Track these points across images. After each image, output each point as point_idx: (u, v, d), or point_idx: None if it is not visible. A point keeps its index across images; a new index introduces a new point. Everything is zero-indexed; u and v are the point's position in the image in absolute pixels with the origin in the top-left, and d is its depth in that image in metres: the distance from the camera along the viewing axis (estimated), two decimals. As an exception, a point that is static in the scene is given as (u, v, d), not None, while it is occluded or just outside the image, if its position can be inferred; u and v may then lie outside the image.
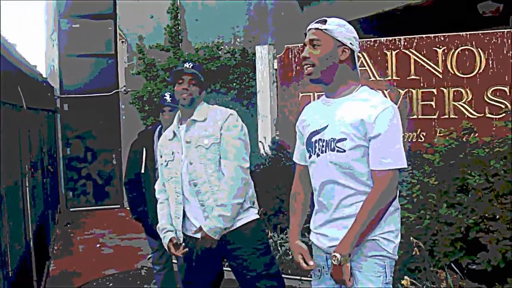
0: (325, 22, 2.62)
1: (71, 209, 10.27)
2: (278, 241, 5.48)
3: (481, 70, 5.35)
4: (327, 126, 2.58)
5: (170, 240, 3.51)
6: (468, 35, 5.41)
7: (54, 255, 7.24)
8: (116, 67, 10.28)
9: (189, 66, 3.55)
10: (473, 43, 5.38)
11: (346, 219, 2.52)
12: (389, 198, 2.45)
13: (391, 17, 8.97)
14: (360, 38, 2.74)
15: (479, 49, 5.36)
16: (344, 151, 2.49)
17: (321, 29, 2.60)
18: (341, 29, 2.62)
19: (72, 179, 10.42)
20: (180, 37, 10.19)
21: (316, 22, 2.64)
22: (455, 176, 3.84)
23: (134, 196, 4.79)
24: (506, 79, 5.25)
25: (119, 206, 10.38)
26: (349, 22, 2.80)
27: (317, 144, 2.61)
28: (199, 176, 3.42)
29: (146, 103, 9.82)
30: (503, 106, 5.22)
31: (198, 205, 3.45)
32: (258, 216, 3.53)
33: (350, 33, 2.64)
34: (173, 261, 5.01)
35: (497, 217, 3.23)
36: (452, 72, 5.45)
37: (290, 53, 6.22)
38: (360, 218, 2.43)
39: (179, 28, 10.19)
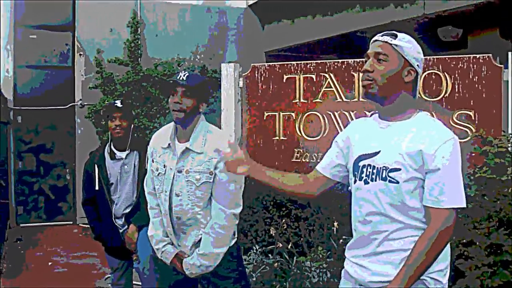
0: (395, 36, 2.38)
1: (21, 225, 9.91)
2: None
3: (447, 94, 5.40)
4: (379, 151, 2.37)
5: (177, 254, 3.30)
6: (435, 59, 5.45)
7: (3, 273, 6.94)
8: (73, 80, 10.03)
9: (184, 76, 3.16)
10: (440, 67, 5.42)
11: (391, 253, 2.34)
12: (445, 238, 2.25)
13: (351, 38, 9.07)
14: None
15: (445, 73, 5.40)
16: (398, 182, 2.29)
17: (391, 44, 2.36)
18: (411, 47, 2.39)
19: (23, 193, 10.03)
20: (139, 51, 10.04)
21: (384, 35, 2.40)
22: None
23: (94, 215, 4.67)
24: (471, 103, 5.30)
25: (71, 222, 10.07)
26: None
27: (365, 170, 2.40)
28: (185, 212, 3.21)
29: (102, 117, 9.61)
30: (468, 131, 5.27)
31: (179, 233, 3.29)
32: (233, 242, 3.35)
33: (419, 53, 2.41)
34: (134, 282, 4.87)
35: (477, 243, 3.21)
36: (419, 95, 5.45)
37: (256, 72, 6.16)
38: (412, 259, 2.23)
39: (139, 42, 10.04)
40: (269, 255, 5.29)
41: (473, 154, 4.77)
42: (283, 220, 5.41)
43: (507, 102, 5.18)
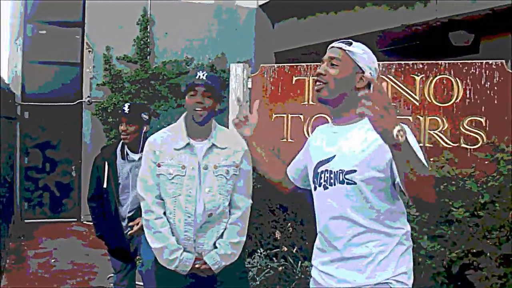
0: (350, 44, 2.46)
1: (25, 221, 9.89)
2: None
3: (458, 100, 5.31)
4: (334, 156, 2.42)
5: (196, 259, 3.19)
6: (446, 64, 5.37)
7: (6, 269, 6.91)
8: (81, 77, 10.01)
9: (203, 75, 3.18)
10: (451, 72, 5.34)
11: (357, 259, 2.35)
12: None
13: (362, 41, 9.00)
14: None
15: (457, 79, 5.32)
16: (355, 183, 2.31)
17: (345, 50, 2.44)
18: (365, 55, 2.46)
19: (28, 189, 10.06)
20: (148, 49, 10.01)
21: (340, 42, 2.48)
22: (438, 208, 3.75)
23: (99, 212, 4.59)
24: (483, 110, 5.21)
25: (76, 219, 10.06)
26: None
27: (322, 175, 2.45)
28: (218, 206, 3.22)
29: (110, 115, 9.58)
30: (478, 137, 5.18)
31: (199, 234, 3.23)
32: None
33: (372, 62, 2.48)
34: (137, 282, 4.81)
35: (487, 253, 3.14)
36: (429, 100, 5.39)
37: (265, 73, 6.09)
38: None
39: (148, 40, 10.01)
40: (274, 258, 5.23)
41: (486, 162, 4.67)
42: (289, 224, 5.34)
43: (518, 109, 5.09)
